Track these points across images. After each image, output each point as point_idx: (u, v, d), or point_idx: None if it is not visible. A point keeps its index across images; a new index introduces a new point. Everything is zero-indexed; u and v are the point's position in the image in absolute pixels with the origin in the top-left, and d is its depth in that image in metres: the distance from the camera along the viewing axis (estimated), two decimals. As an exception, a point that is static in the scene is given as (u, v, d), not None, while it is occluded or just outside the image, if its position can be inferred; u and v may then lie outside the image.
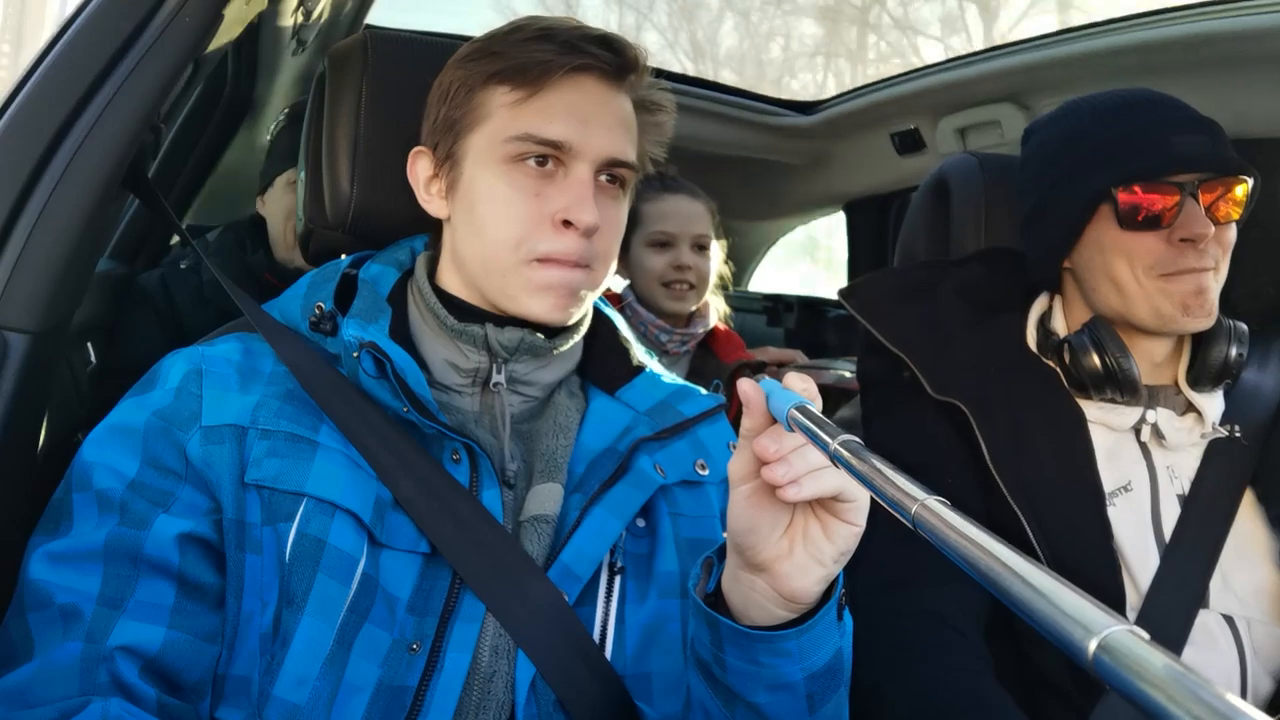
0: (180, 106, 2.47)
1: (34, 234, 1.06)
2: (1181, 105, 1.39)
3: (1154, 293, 1.34)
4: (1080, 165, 1.39)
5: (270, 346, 1.12)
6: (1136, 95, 1.42)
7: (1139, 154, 1.34)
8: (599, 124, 1.12)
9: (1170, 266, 1.33)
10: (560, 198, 1.10)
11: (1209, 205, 1.32)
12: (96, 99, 1.09)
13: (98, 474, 0.99)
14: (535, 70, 1.10)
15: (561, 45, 1.10)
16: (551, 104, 1.10)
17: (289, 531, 0.99)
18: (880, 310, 1.56)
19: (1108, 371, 1.37)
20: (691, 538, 1.16)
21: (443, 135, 1.16)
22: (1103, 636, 0.41)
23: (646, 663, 1.09)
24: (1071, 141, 1.43)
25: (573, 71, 1.11)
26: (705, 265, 2.47)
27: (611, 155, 1.12)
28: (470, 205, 1.14)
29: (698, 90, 3.08)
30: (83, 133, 1.08)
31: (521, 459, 1.15)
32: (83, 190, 1.08)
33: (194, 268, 2.30)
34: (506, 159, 1.11)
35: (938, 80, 2.66)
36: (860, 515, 0.88)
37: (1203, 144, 1.33)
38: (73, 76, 1.08)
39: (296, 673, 0.96)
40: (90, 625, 0.91)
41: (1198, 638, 1.30)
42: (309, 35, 2.24)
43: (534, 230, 1.10)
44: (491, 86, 1.12)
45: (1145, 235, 1.34)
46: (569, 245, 1.10)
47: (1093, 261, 1.41)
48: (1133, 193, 1.33)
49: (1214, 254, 1.34)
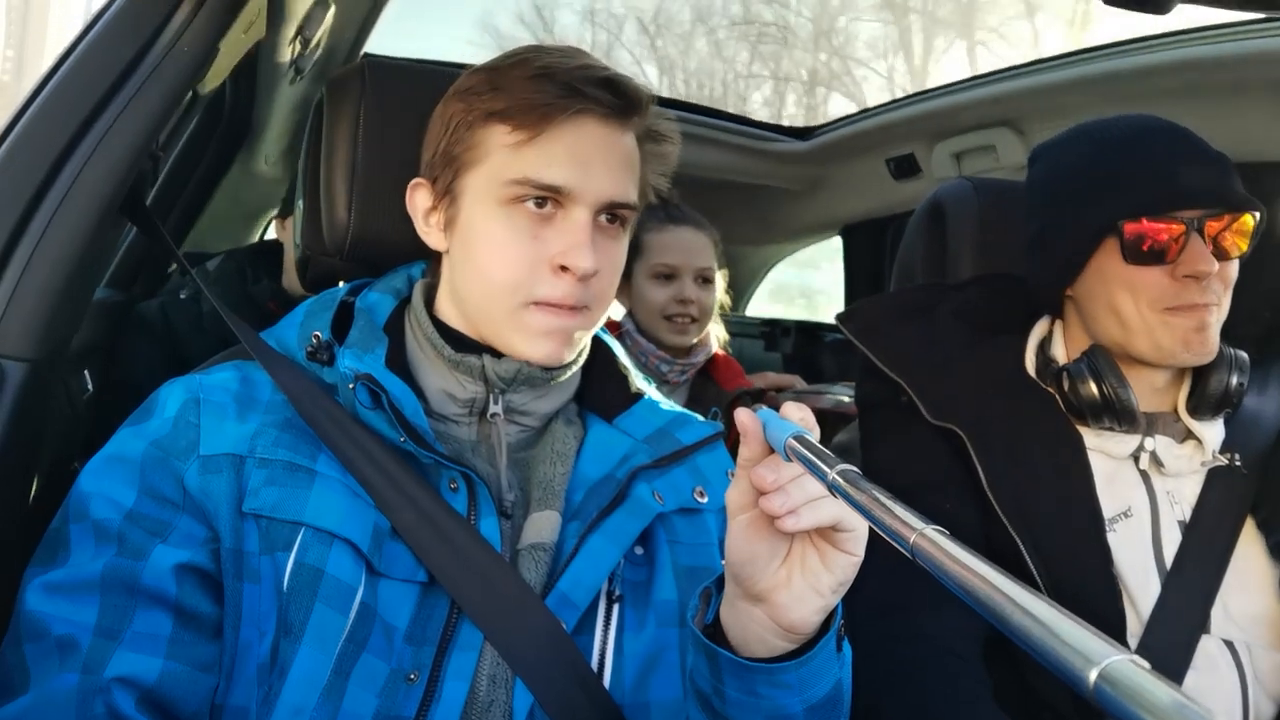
0: (179, 134, 2.48)
1: (32, 261, 1.06)
2: (1190, 137, 1.38)
3: (1155, 326, 1.34)
4: (1086, 196, 1.39)
5: (268, 375, 1.12)
6: (1147, 125, 1.40)
7: (1146, 188, 1.33)
8: (599, 166, 1.11)
9: (1173, 301, 1.32)
10: (558, 241, 1.09)
11: (1214, 237, 1.32)
12: (95, 126, 1.09)
13: (95, 504, 0.99)
14: (536, 113, 1.08)
15: (563, 87, 1.09)
16: (552, 147, 1.09)
17: (287, 561, 0.99)
18: (878, 334, 1.55)
19: (1105, 401, 1.36)
20: (690, 565, 1.15)
21: (442, 170, 1.15)
22: (1103, 666, 0.41)
23: (645, 692, 1.08)
24: (1078, 170, 1.42)
25: (574, 115, 1.10)
26: (708, 299, 2.43)
27: (611, 198, 1.12)
28: (467, 243, 1.13)
29: (693, 116, 3.10)
30: (81, 160, 1.08)
31: (519, 487, 1.15)
32: (81, 217, 1.09)
33: (194, 297, 2.30)
34: (505, 200, 1.10)
35: (933, 106, 2.67)
36: (859, 545, 0.87)
37: (1210, 178, 1.33)
38: (72, 104, 1.09)
39: (294, 703, 0.96)
40: (87, 656, 0.90)
41: (1199, 662, 1.29)
42: (307, 64, 2.26)
43: (531, 274, 1.09)
44: (492, 125, 1.11)
45: (1149, 269, 1.33)
46: (566, 290, 1.09)
47: (1095, 292, 1.40)
48: (1138, 226, 1.32)
49: (1216, 290, 1.33)
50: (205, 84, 1.47)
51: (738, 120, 3.23)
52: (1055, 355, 1.48)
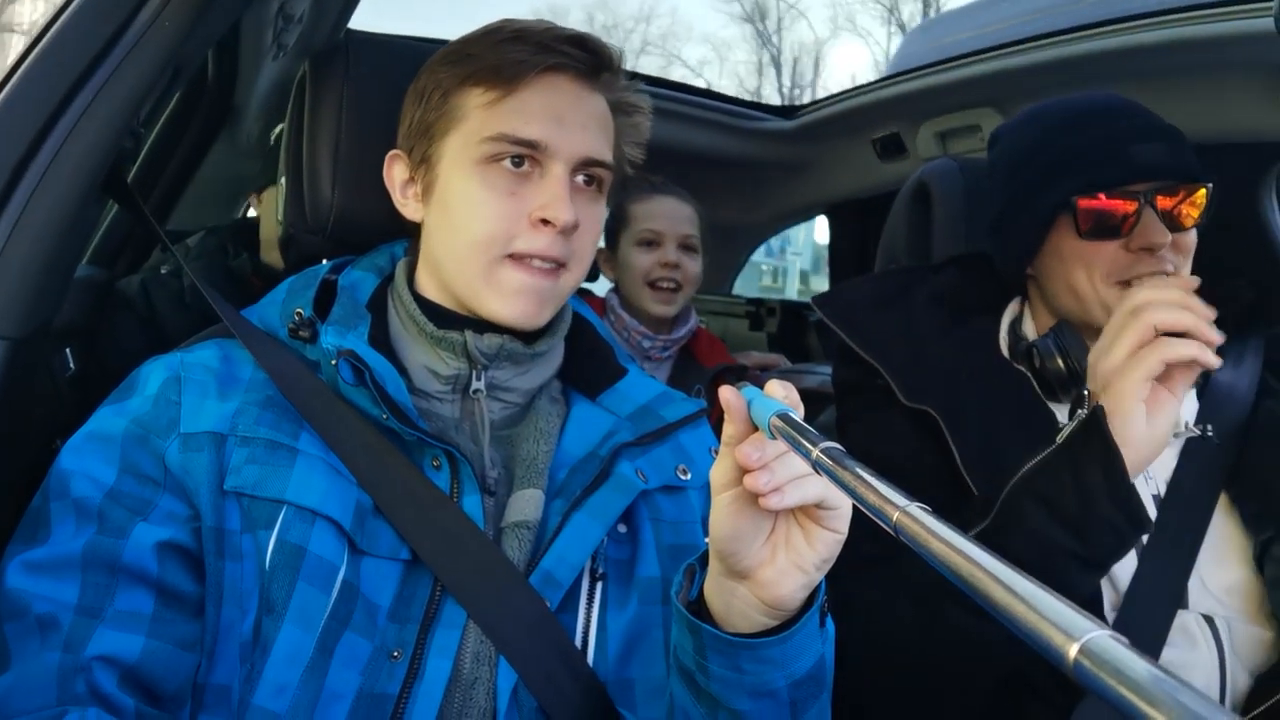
0: (160, 110, 2.46)
1: (12, 239, 1.05)
2: (1141, 112, 1.41)
3: (1110, 300, 1.35)
4: (1041, 175, 1.41)
5: (249, 352, 1.11)
6: (1097, 103, 1.43)
7: (1097, 164, 1.36)
8: (574, 123, 1.12)
9: (1127, 273, 1.35)
10: (537, 196, 1.10)
11: (1167, 211, 1.34)
12: (75, 103, 1.08)
13: (75, 482, 0.98)
14: (509, 70, 1.10)
15: (535, 45, 1.11)
16: (526, 104, 1.10)
17: (269, 539, 0.99)
18: (854, 317, 1.56)
19: (1072, 373, 1.38)
20: (673, 543, 1.16)
21: (418, 139, 1.16)
22: (1083, 641, 0.41)
23: (629, 669, 1.09)
24: (1032, 150, 1.45)
25: (547, 71, 1.11)
26: (691, 266, 2.48)
27: (587, 155, 1.13)
28: (445, 207, 1.14)
29: (678, 95, 3.09)
30: (62, 136, 1.07)
31: (502, 465, 1.15)
32: (62, 195, 1.08)
33: (175, 273, 2.28)
34: (482, 160, 1.11)
35: (918, 85, 2.67)
36: (842, 522, 0.88)
37: (1160, 152, 1.35)
38: (52, 80, 1.08)
39: (277, 681, 0.96)
40: (68, 635, 0.90)
41: (1177, 638, 1.30)
42: (290, 40, 2.24)
43: (511, 227, 1.10)
44: (466, 88, 1.12)
45: (1104, 244, 1.36)
46: (547, 243, 1.10)
47: (1053, 269, 1.43)
48: (1091, 202, 1.35)
49: (1173, 259, 1.35)
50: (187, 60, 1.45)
51: (722, 99, 3.22)
52: (1025, 334, 1.50)
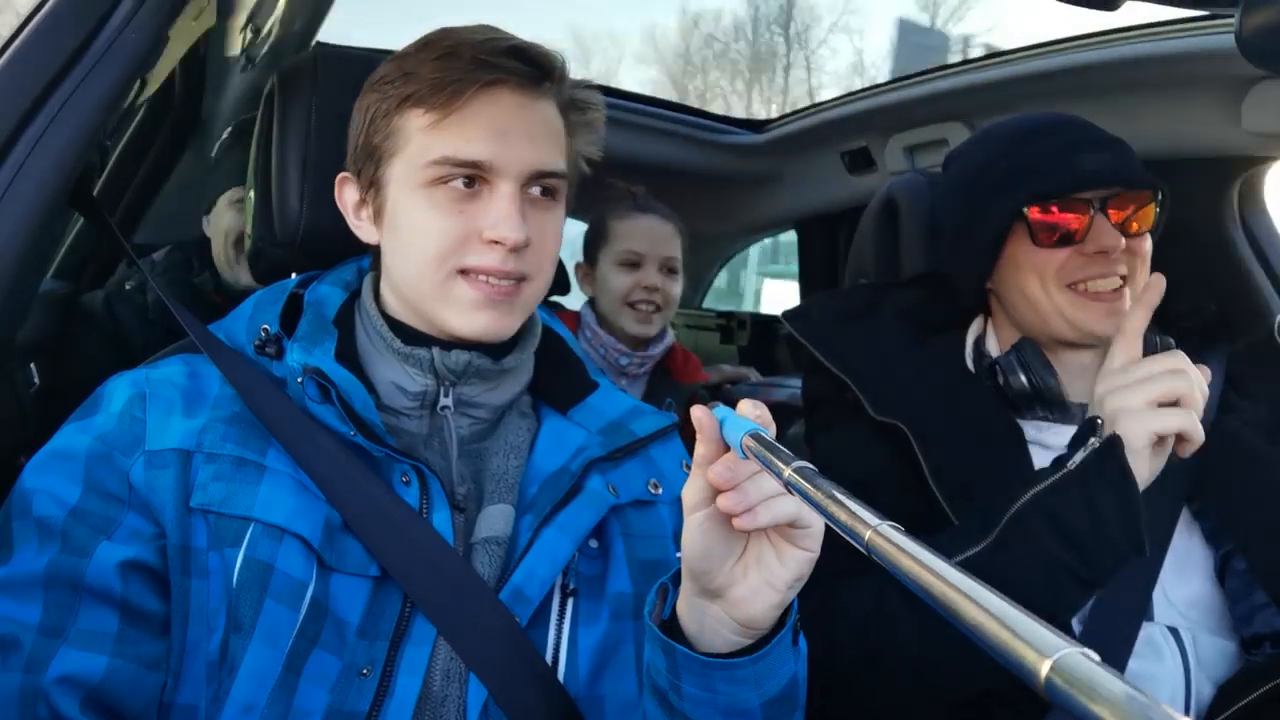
0: (126, 123, 2.44)
1: (-25, 253, 1.04)
2: (1089, 125, 1.45)
3: (1064, 305, 1.38)
4: (993, 188, 1.43)
5: (216, 368, 1.10)
6: (1046, 118, 1.48)
7: (1048, 174, 1.38)
8: (518, 136, 1.09)
9: (1079, 275, 1.37)
10: (485, 216, 1.08)
11: (1120, 222, 1.36)
12: (40, 115, 1.07)
13: (38, 501, 0.97)
14: (447, 91, 1.07)
15: (470, 62, 1.08)
16: (467, 123, 1.08)
17: (236, 557, 0.98)
18: (823, 333, 1.57)
19: (1035, 390, 1.40)
20: (644, 559, 1.15)
21: (365, 162, 1.14)
22: (1055, 659, 0.41)
23: (600, 685, 1.08)
24: (983, 166, 1.47)
25: (486, 87, 1.09)
26: (672, 288, 2.45)
27: (536, 168, 1.11)
28: (396, 229, 1.12)
29: (647, 108, 3.09)
30: (26, 149, 1.06)
31: (472, 480, 1.14)
32: (26, 209, 1.06)
33: (139, 288, 2.26)
34: (429, 183, 1.09)
35: (887, 99, 2.68)
36: (815, 541, 0.88)
37: (1109, 161, 1.38)
38: (16, 92, 1.07)
39: (244, 700, 0.95)
40: (30, 655, 0.89)
41: (1143, 650, 1.31)
42: (258, 52, 2.23)
43: (460, 245, 1.09)
44: (406, 110, 1.10)
45: (1058, 251, 1.38)
46: (498, 259, 1.08)
47: (1009, 281, 1.45)
48: (1045, 211, 1.38)
49: (1128, 263, 1.38)
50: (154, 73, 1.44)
51: (692, 112, 3.23)
52: (989, 350, 1.52)
